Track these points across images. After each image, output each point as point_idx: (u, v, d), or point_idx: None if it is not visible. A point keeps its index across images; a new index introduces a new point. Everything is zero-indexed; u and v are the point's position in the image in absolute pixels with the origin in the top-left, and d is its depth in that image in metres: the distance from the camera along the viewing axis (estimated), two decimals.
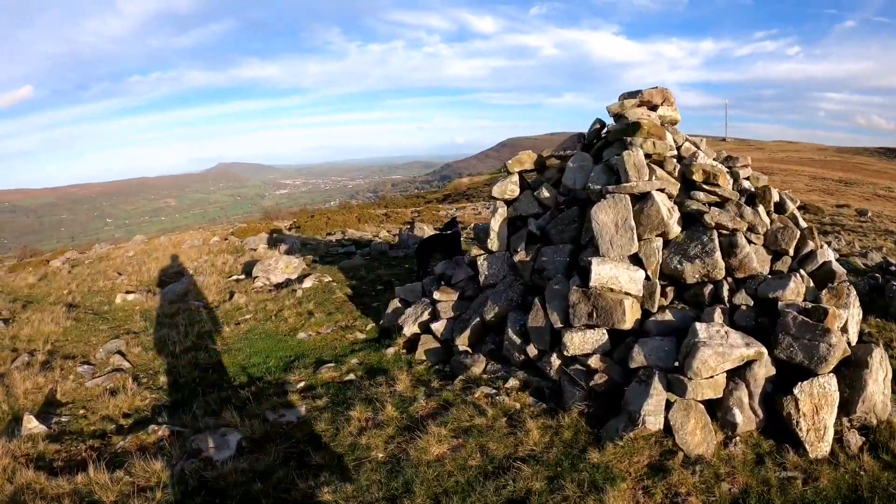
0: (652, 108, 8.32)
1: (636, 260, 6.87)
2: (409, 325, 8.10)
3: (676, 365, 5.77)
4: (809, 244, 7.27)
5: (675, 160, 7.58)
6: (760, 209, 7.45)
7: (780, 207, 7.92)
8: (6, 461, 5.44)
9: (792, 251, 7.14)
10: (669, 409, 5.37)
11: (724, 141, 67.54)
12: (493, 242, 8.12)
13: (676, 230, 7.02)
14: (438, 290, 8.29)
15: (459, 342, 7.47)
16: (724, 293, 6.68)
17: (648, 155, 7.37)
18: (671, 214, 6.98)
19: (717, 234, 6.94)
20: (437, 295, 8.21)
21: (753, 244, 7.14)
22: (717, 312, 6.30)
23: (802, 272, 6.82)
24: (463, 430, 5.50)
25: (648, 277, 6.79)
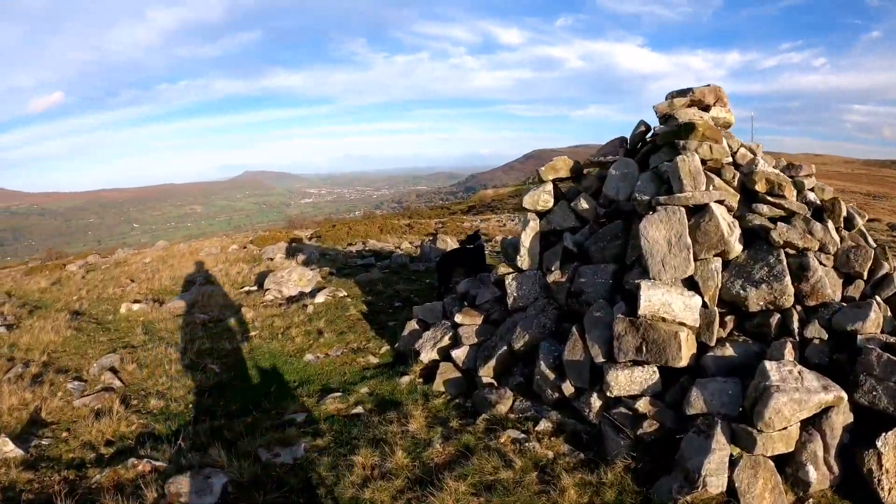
0: (703, 108, 7.38)
1: (690, 284, 5.92)
2: (427, 350, 7.19)
3: (741, 411, 4.88)
4: (884, 266, 6.34)
5: (733, 168, 6.63)
6: (830, 225, 6.50)
7: (848, 223, 6.95)
8: None
9: (866, 274, 6.20)
10: (733, 466, 4.47)
11: None
12: (523, 259, 7.13)
13: (737, 249, 6.06)
14: (461, 311, 7.39)
15: (483, 373, 6.55)
16: (793, 324, 5.73)
17: (703, 161, 6.44)
18: (732, 230, 6.02)
19: (783, 254, 5.99)
20: (459, 318, 7.31)
21: (824, 266, 6.18)
22: (787, 348, 5.34)
23: (878, 299, 5.82)
24: (485, 485, 4.59)
25: (705, 304, 5.84)
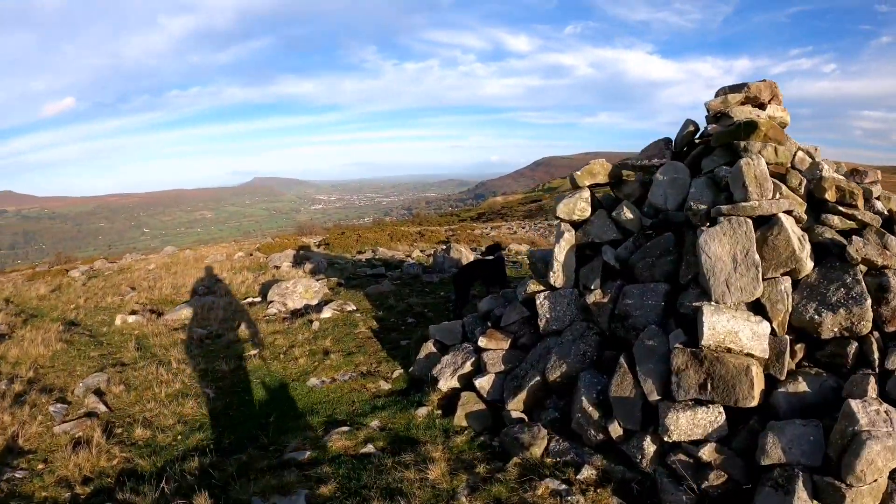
0: (758, 105, 6.53)
1: (755, 307, 5.07)
2: (446, 377, 6.34)
3: (824, 460, 4.11)
4: None
5: (798, 173, 5.78)
6: None
7: None
8: None
9: None
10: None
11: None
12: (556, 276, 6.25)
13: (808, 267, 5.22)
14: (485, 334, 6.53)
15: (512, 406, 5.70)
16: (873, 354, 4.88)
17: (766, 165, 5.59)
18: (802, 245, 5.18)
19: (860, 272, 5.16)
20: (482, 341, 6.45)
21: None
22: (870, 384, 4.54)
23: None
24: None
25: (774, 331, 4.99)
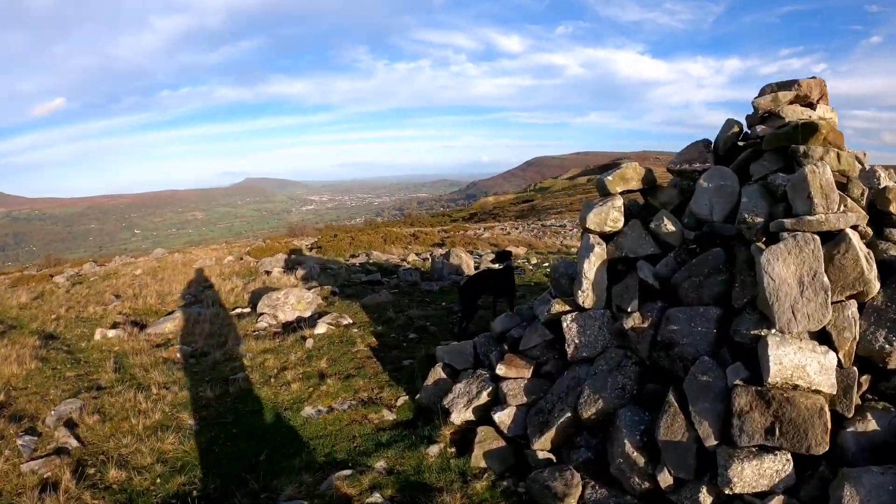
0: (807, 104, 5.88)
1: (820, 335, 4.42)
2: (459, 409, 5.62)
3: None
4: None
5: (860, 183, 5.13)
6: None
7: None
8: None
9: None
10: None
11: None
12: (585, 295, 5.51)
13: (876, 288, 4.58)
14: (503, 360, 5.79)
15: (538, 446, 4.99)
16: None
17: None
18: (870, 265, 4.53)
19: None
20: (501, 369, 5.72)
21: None
22: None
23: None
24: None
25: (840, 363, 4.35)
